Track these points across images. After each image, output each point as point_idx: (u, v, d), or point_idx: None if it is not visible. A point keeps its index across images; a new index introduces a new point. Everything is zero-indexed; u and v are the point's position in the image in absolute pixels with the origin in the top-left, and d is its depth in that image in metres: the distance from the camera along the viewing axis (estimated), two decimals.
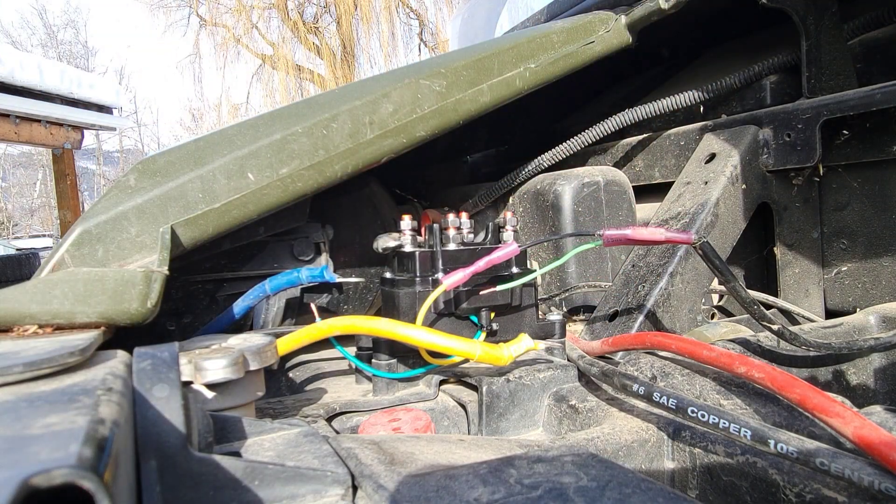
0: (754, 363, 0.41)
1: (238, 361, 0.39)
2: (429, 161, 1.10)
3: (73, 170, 6.28)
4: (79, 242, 0.56)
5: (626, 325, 0.62)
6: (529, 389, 0.53)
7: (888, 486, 0.30)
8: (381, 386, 0.56)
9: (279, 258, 0.79)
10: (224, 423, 0.35)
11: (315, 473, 0.31)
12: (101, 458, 0.20)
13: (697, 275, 0.66)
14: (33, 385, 0.28)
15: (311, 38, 13.68)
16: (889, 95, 0.57)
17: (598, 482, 0.29)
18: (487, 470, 0.31)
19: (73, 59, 17.85)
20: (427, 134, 0.72)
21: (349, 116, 0.68)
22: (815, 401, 0.35)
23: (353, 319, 0.51)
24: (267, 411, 0.52)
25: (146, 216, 0.58)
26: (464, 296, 0.57)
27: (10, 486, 0.16)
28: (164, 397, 0.30)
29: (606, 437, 0.43)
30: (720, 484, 0.39)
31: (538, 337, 0.60)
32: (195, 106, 17.76)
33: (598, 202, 0.83)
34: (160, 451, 0.27)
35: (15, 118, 5.30)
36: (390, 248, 0.61)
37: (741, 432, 0.36)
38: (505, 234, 0.62)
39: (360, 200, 0.92)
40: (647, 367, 0.52)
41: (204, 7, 13.92)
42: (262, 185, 0.62)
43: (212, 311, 0.74)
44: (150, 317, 0.48)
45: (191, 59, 15.25)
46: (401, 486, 0.30)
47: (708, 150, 0.79)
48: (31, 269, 3.53)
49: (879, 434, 0.31)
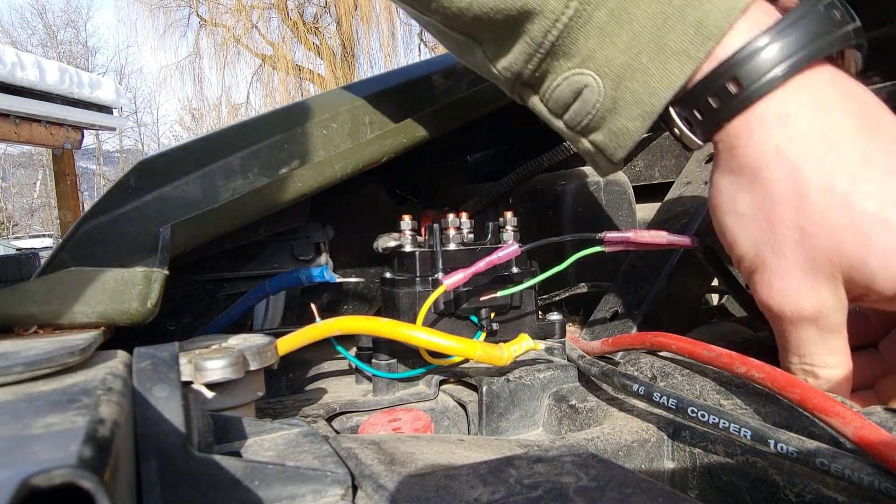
0: (754, 363, 0.40)
1: (238, 361, 0.39)
2: (429, 161, 1.10)
3: (73, 170, 6.29)
4: (79, 242, 0.56)
5: (626, 325, 0.62)
6: (529, 389, 0.53)
7: (888, 486, 0.30)
8: (381, 386, 0.56)
9: (279, 258, 0.79)
10: (224, 423, 0.35)
11: (315, 473, 0.31)
12: (101, 458, 0.20)
13: (698, 275, 0.66)
14: (33, 385, 0.28)
15: (311, 38, 13.68)
16: (888, 95, 0.57)
17: (598, 482, 0.29)
18: (487, 470, 0.31)
19: (73, 59, 17.85)
20: (427, 134, 0.72)
21: (349, 116, 0.68)
22: (815, 401, 0.35)
23: (353, 319, 0.51)
24: (267, 411, 0.52)
25: (146, 216, 0.58)
26: (464, 296, 0.57)
27: (9, 485, 0.16)
28: (164, 397, 0.30)
29: (606, 437, 0.43)
30: (720, 484, 0.39)
31: (538, 337, 0.60)
32: (195, 106, 17.76)
33: (598, 202, 0.83)
34: (160, 451, 0.27)
35: (15, 118, 5.30)
36: (390, 248, 0.61)
37: (741, 432, 0.36)
38: (505, 234, 0.62)
39: (360, 200, 0.92)
40: (647, 367, 0.52)
41: (204, 7, 13.93)
42: (262, 185, 0.62)
43: (212, 311, 0.74)
44: (150, 317, 0.48)
45: (191, 59, 15.25)
46: (401, 486, 0.30)
47: (708, 150, 0.79)
48: (31, 269, 3.53)
49: (879, 434, 0.31)
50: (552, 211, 0.85)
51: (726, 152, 0.42)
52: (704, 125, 0.42)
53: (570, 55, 0.44)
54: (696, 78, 0.41)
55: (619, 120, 0.45)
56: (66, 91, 5.68)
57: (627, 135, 0.45)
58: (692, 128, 0.43)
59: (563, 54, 0.44)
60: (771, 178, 0.39)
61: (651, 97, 0.43)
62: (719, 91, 0.40)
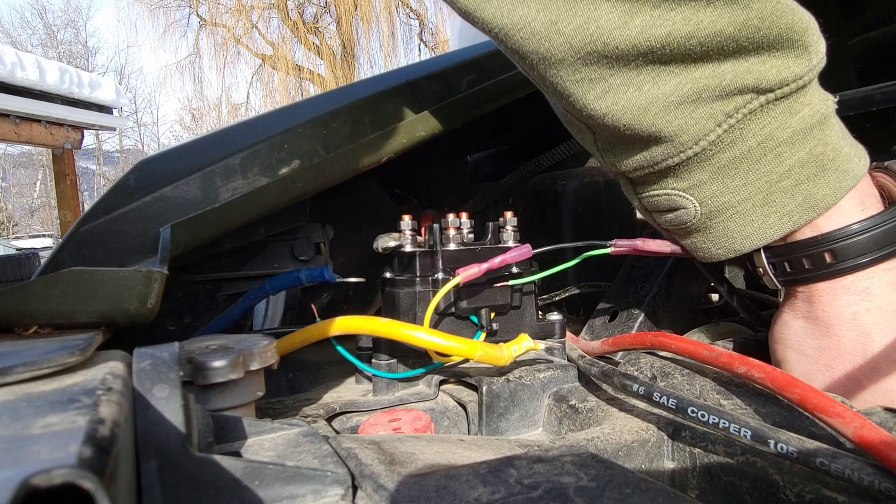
0: (754, 363, 0.41)
1: (238, 361, 0.39)
2: (429, 161, 1.10)
3: (73, 170, 6.29)
4: (79, 242, 0.56)
5: (626, 325, 0.62)
6: (529, 389, 0.53)
7: (888, 486, 0.30)
8: (381, 386, 0.56)
9: (279, 258, 0.79)
10: (224, 423, 0.35)
11: (315, 473, 0.31)
12: (101, 458, 0.20)
13: (698, 275, 0.66)
14: (33, 385, 0.28)
15: (311, 38, 13.69)
16: (889, 95, 0.57)
17: (598, 482, 0.29)
18: (487, 470, 0.31)
19: (73, 59, 17.85)
20: (427, 134, 0.72)
21: (349, 116, 0.68)
22: (815, 401, 0.35)
23: (353, 319, 0.51)
24: (267, 411, 0.52)
25: (146, 216, 0.57)
26: (464, 295, 0.57)
27: (9, 485, 0.16)
28: (164, 397, 0.30)
29: (606, 437, 0.43)
30: (720, 484, 0.39)
31: (538, 337, 0.60)
32: (195, 106, 17.76)
33: (598, 202, 0.83)
34: (160, 451, 0.27)
35: (15, 118, 5.30)
36: (390, 248, 0.61)
37: (741, 432, 0.36)
38: (505, 234, 0.62)
39: (360, 200, 0.92)
40: (647, 367, 0.51)
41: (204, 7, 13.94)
42: (262, 185, 0.62)
43: (212, 311, 0.74)
44: (150, 317, 0.48)
45: (191, 59, 15.25)
46: (401, 486, 0.30)
47: None
48: (31, 269, 3.53)
49: (879, 434, 0.31)
50: (552, 211, 0.85)
51: (805, 302, 0.47)
52: (791, 277, 0.47)
53: (680, 179, 0.47)
54: (793, 238, 0.46)
55: (705, 242, 0.49)
56: (66, 91, 5.68)
57: (708, 254, 0.50)
58: (776, 275, 0.48)
59: (674, 176, 0.47)
60: (842, 336, 0.44)
61: (743, 239, 0.47)
62: (815, 257, 0.45)
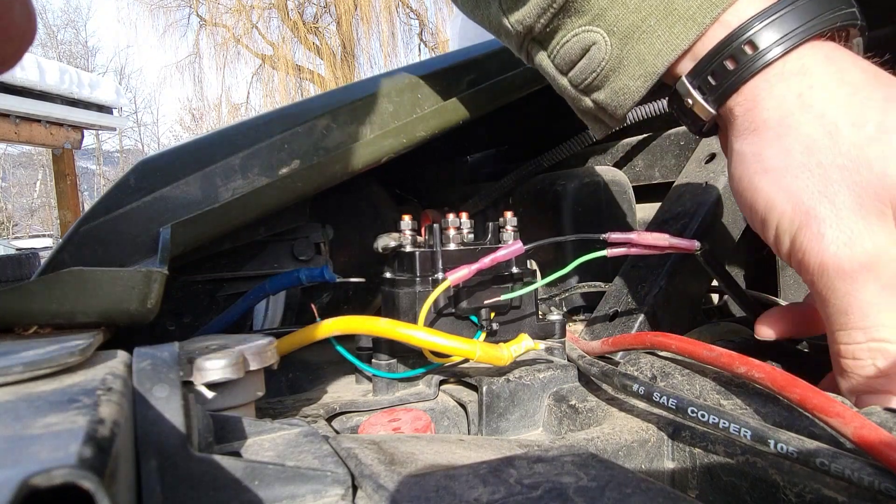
0: (754, 363, 0.40)
1: (238, 361, 0.39)
2: (429, 161, 1.10)
3: (73, 170, 6.29)
4: (79, 242, 0.56)
5: (626, 325, 0.62)
6: (529, 389, 0.53)
7: (888, 486, 0.30)
8: (381, 386, 0.56)
9: (279, 258, 0.79)
10: (224, 423, 0.35)
11: (315, 473, 0.31)
12: (101, 458, 0.20)
13: (698, 275, 0.66)
14: (33, 385, 0.28)
15: (311, 38, 13.68)
16: None
17: (598, 482, 0.29)
18: (487, 470, 0.31)
19: (73, 59, 17.85)
20: (427, 134, 0.72)
21: (348, 116, 0.68)
22: (815, 401, 0.35)
23: (353, 319, 0.51)
24: (267, 411, 0.52)
25: (146, 216, 0.58)
26: (464, 295, 0.57)
27: (9, 485, 0.16)
28: (164, 397, 0.30)
29: (606, 437, 0.43)
30: (720, 484, 0.39)
31: (538, 337, 0.60)
32: (195, 106, 17.78)
33: (598, 202, 0.83)
34: (160, 451, 0.27)
35: (15, 118, 5.30)
36: (390, 248, 0.61)
37: (741, 432, 0.36)
38: (505, 234, 0.62)
39: (360, 200, 0.92)
40: (647, 367, 0.51)
41: (204, 7, 13.93)
42: (262, 185, 0.62)
43: (212, 311, 0.74)
44: (150, 317, 0.48)
45: (191, 59, 15.26)
46: (401, 486, 0.30)
47: (708, 150, 0.79)
48: (31, 269, 3.54)
49: (879, 434, 0.31)
50: (552, 211, 0.85)
51: (744, 115, 0.42)
52: (720, 89, 0.43)
53: (582, 13, 0.46)
54: (707, 44, 0.43)
55: (622, 79, 0.47)
56: (66, 91, 5.68)
57: (629, 94, 0.47)
58: (705, 96, 0.44)
59: (576, 11, 0.46)
60: (798, 123, 0.39)
61: (655, 58, 0.45)
62: (735, 54, 0.41)
